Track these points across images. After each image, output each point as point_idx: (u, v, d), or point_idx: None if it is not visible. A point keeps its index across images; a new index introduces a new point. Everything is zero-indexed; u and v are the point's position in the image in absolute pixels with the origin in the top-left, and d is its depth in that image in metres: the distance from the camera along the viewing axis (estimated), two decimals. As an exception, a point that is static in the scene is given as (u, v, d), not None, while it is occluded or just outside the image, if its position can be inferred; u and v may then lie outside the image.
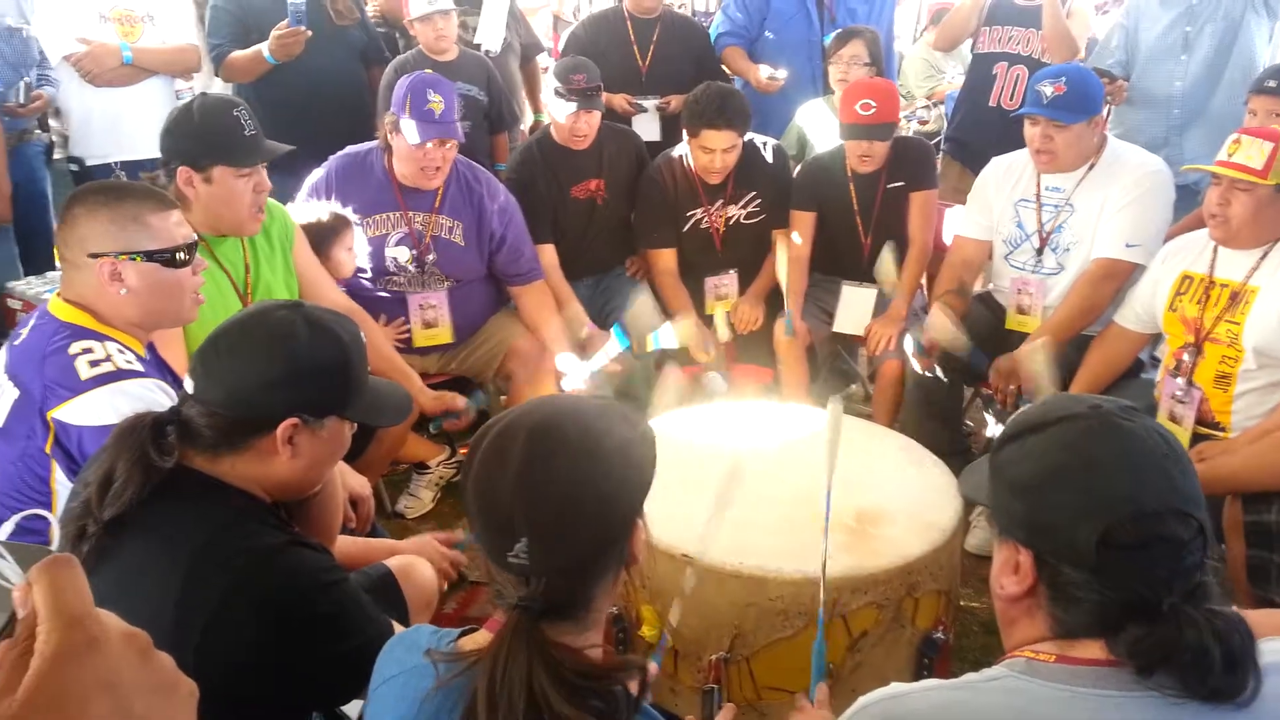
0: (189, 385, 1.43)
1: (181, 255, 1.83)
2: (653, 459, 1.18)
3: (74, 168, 3.56)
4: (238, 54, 3.57)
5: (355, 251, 2.97)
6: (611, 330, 3.02)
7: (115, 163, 3.48)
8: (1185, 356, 2.54)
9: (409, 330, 3.11)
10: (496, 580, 1.13)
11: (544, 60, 4.72)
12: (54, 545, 1.62)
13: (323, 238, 2.82)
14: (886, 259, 3.13)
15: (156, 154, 2.41)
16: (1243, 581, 2.23)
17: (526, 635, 1.06)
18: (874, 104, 3.18)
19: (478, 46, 4.07)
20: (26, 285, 3.22)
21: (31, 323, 1.85)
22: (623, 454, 1.14)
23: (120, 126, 3.48)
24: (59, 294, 1.85)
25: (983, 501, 1.21)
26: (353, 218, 2.98)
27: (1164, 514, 1.03)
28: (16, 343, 1.83)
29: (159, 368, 1.87)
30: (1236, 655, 0.98)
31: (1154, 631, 1.00)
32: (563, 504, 1.09)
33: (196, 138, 2.30)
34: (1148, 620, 1.00)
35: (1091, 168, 2.94)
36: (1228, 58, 3.54)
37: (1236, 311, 2.44)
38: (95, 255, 1.76)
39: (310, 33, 3.44)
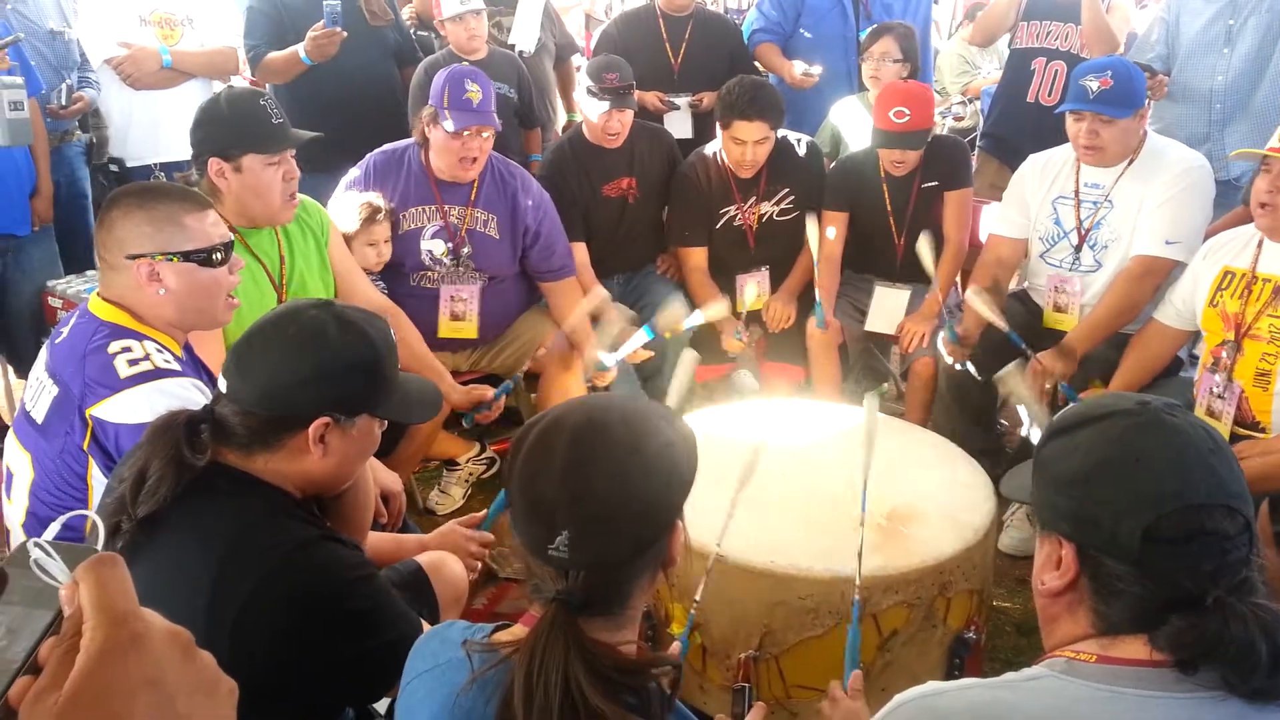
0: (222, 384, 1.44)
1: (218, 255, 1.86)
2: (694, 461, 1.20)
3: (114, 169, 3.62)
4: (274, 55, 3.61)
5: (384, 248, 2.97)
6: (641, 330, 3.03)
7: (155, 164, 3.53)
8: (1224, 353, 2.50)
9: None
10: (535, 574, 1.14)
11: (578, 60, 4.73)
12: (99, 544, 1.65)
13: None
14: (923, 246, 3.06)
15: (193, 156, 2.45)
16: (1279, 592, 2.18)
17: (564, 628, 1.07)
18: (908, 112, 3.14)
19: (512, 47, 4.09)
20: (67, 284, 3.28)
21: (72, 321, 1.88)
22: (666, 454, 1.15)
23: (160, 129, 3.54)
24: (99, 293, 1.88)
25: (1025, 500, 1.21)
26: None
27: (1210, 508, 1.02)
28: (58, 341, 1.87)
29: (195, 367, 1.90)
30: None
31: (1198, 624, 0.98)
32: (605, 499, 1.10)
33: (226, 127, 2.34)
34: (1192, 613, 0.99)
35: (1130, 163, 2.89)
36: (1272, 51, 3.46)
37: (1279, 306, 2.39)
38: (133, 256, 1.80)
39: (346, 34, 3.48)
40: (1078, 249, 2.98)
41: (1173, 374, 2.88)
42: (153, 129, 3.55)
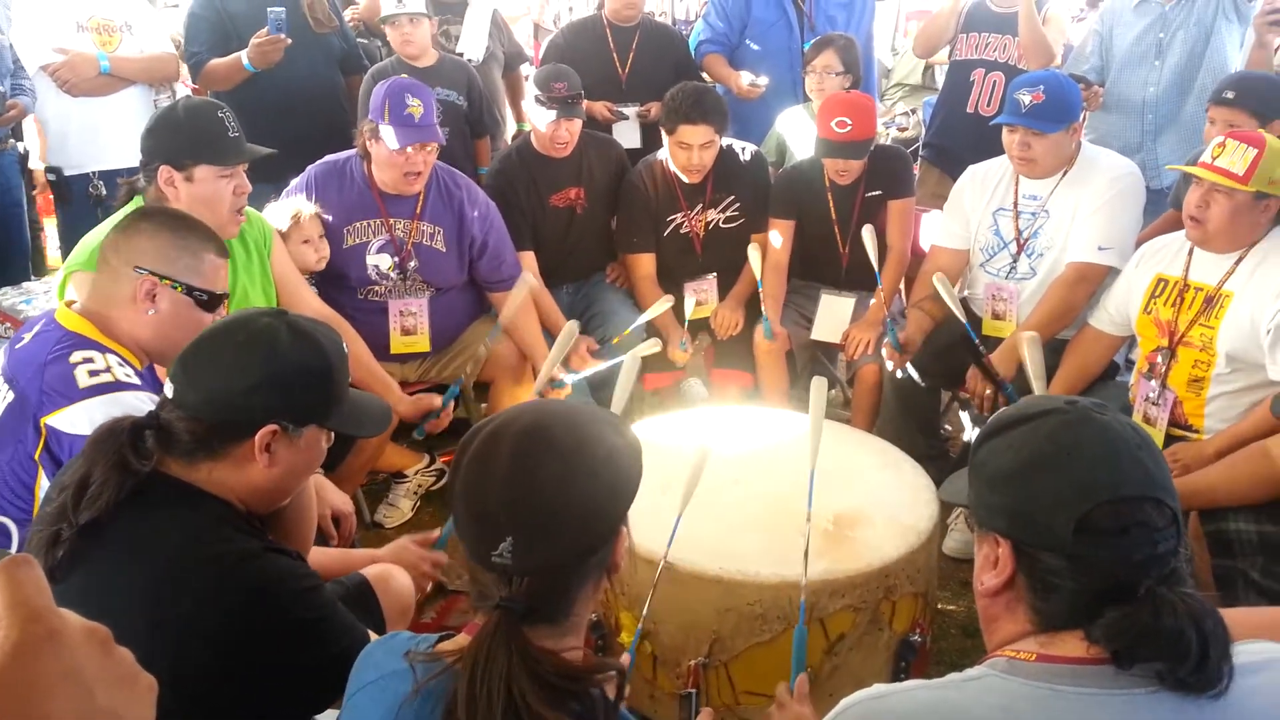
0: (168, 389, 1.42)
1: (214, 302, 1.89)
2: (639, 468, 1.20)
3: (51, 177, 3.55)
4: (216, 62, 3.56)
5: (318, 244, 2.93)
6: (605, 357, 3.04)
7: (93, 172, 3.47)
8: (1159, 359, 2.57)
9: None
10: (479, 581, 1.14)
11: (526, 69, 4.74)
12: (13, 548, 1.62)
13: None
14: (867, 237, 3.11)
15: (134, 164, 2.41)
16: (1211, 590, 2.25)
17: (507, 636, 1.07)
18: (850, 122, 3.18)
19: (460, 55, 4.08)
20: (2, 295, 3.20)
21: (37, 329, 1.88)
22: (610, 460, 1.16)
23: (98, 136, 3.48)
24: (67, 302, 1.89)
25: (962, 502, 1.23)
26: (332, 224, 2.97)
27: (1140, 500, 1.05)
28: (18, 347, 1.85)
29: (155, 385, 1.88)
30: (1210, 638, 1.00)
31: (1131, 614, 1.02)
32: (549, 504, 1.10)
33: (182, 136, 2.31)
34: (1125, 604, 1.02)
35: (1066, 173, 2.97)
36: (1200, 64, 3.58)
37: (1211, 316, 2.46)
38: (141, 270, 1.81)
39: (290, 41, 3.44)
40: (1015, 258, 3.05)
41: (1109, 378, 2.95)
42: (91, 136, 3.48)
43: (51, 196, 3.65)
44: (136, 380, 1.79)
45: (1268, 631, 1.29)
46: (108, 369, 1.75)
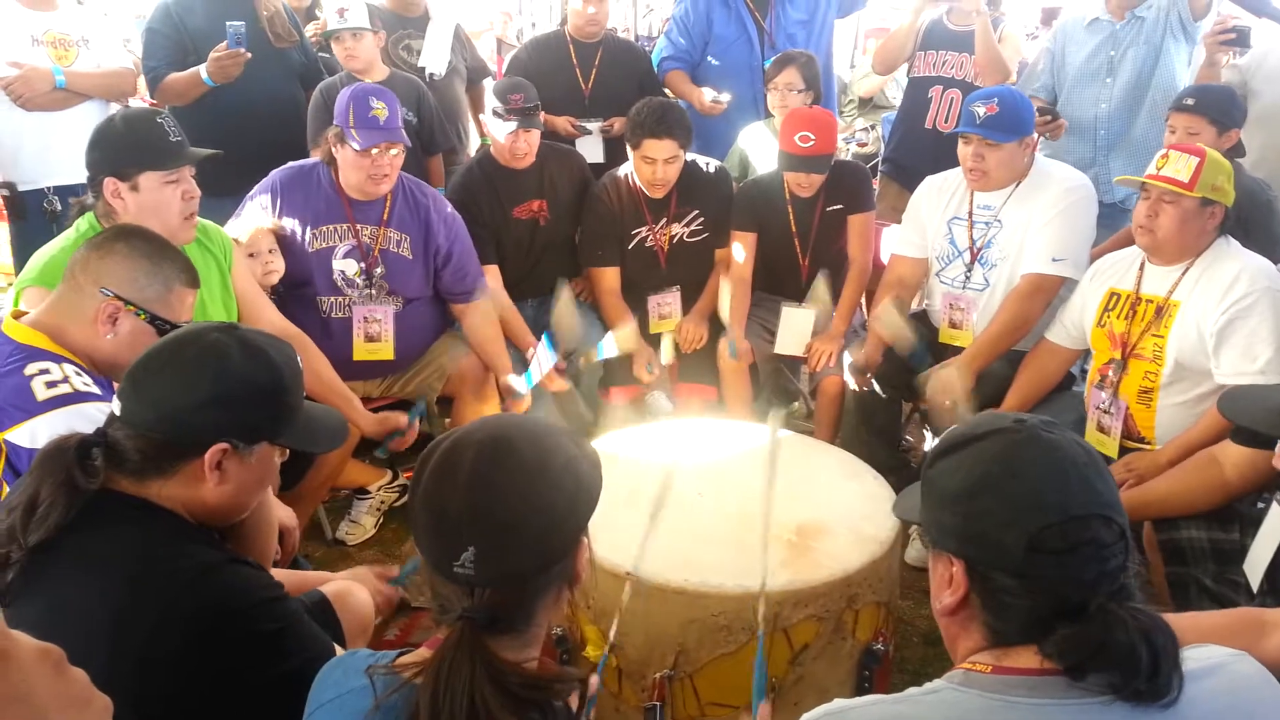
0: (116, 406, 1.40)
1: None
2: (599, 480, 1.21)
3: (4, 192, 3.49)
4: (174, 76, 3.53)
5: (269, 258, 2.89)
6: (542, 339, 3.05)
7: (48, 188, 3.41)
8: (1111, 371, 2.62)
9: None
10: (440, 595, 1.14)
11: (489, 84, 4.74)
12: None
13: None
14: (820, 285, 3.20)
15: (88, 179, 2.38)
16: (1166, 597, 2.29)
17: (470, 646, 1.07)
18: (813, 137, 3.24)
19: (422, 70, 4.08)
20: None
21: None
22: (571, 470, 1.17)
23: (52, 151, 3.41)
24: (12, 314, 1.85)
25: (914, 519, 1.25)
26: (298, 229, 2.95)
27: (1088, 518, 1.07)
28: None
29: (112, 394, 1.85)
30: (1160, 652, 1.02)
31: (1083, 631, 1.03)
32: (511, 514, 1.11)
33: (122, 146, 2.29)
34: (1077, 621, 1.04)
35: (1019, 184, 3.02)
36: (1150, 81, 3.67)
37: (1161, 325, 2.52)
38: (107, 291, 1.78)
39: (249, 55, 3.42)
40: (970, 267, 3.10)
41: (1065, 389, 3.00)
42: (46, 151, 3.42)
43: (5, 211, 3.59)
44: (96, 389, 1.75)
45: (1216, 635, 1.33)
46: (65, 379, 1.72)
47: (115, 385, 1.87)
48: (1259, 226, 2.84)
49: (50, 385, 1.70)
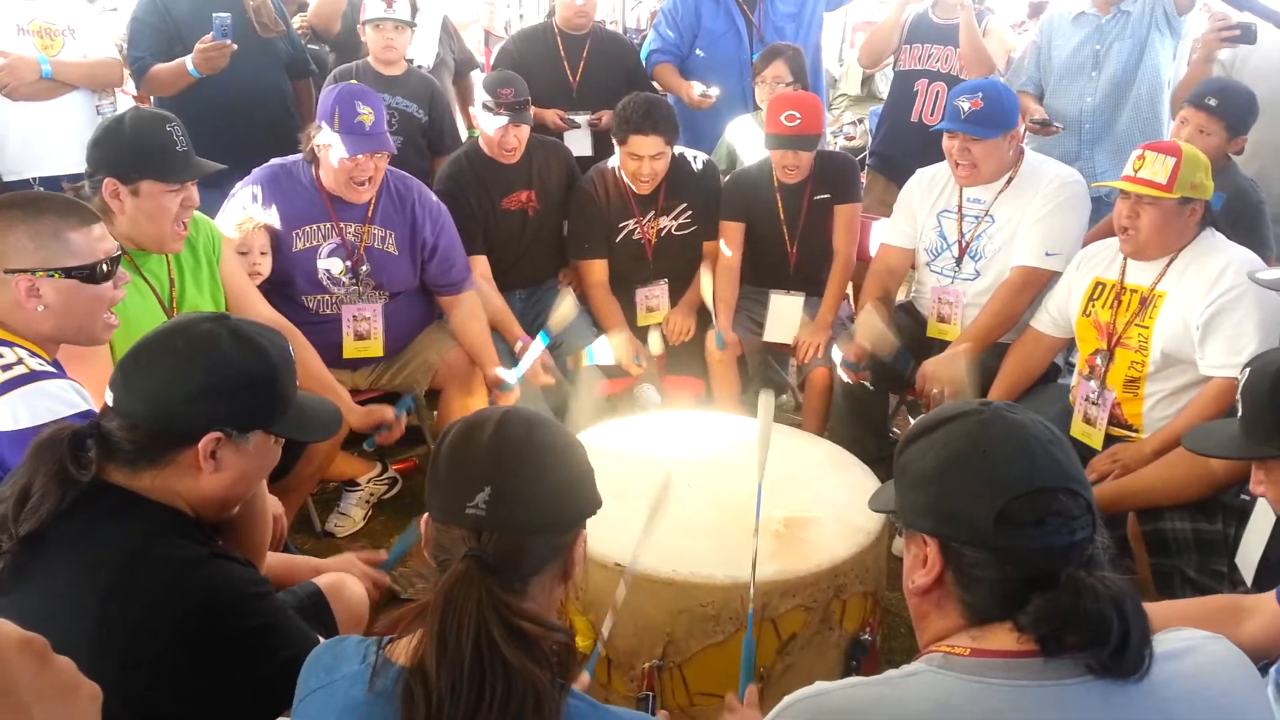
0: (109, 397, 1.40)
1: (103, 269, 1.80)
2: (596, 489, 1.27)
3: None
4: (160, 67, 3.51)
5: (259, 259, 2.89)
6: (538, 336, 3.05)
7: (34, 178, 3.39)
8: (1098, 360, 2.64)
9: None
10: (443, 547, 1.18)
11: (476, 76, 4.73)
12: None
13: None
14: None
15: (76, 170, 2.37)
16: (1151, 588, 2.32)
17: (477, 581, 1.10)
18: (799, 115, 3.27)
19: (410, 61, 4.07)
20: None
21: None
22: (579, 459, 1.25)
23: (38, 142, 3.40)
24: None
25: (889, 509, 1.28)
26: (282, 229, 2.94)
27: (1054, 490, 1.10)
28: None
29: (64, 375, 1.83)
30: (1130, 620, 1.05)
31: (1054, 600, 1.06)
32: (530, 467, 1.18)
33: (127, 150, 2.27)
34: (1048, 590, 1.07)
35: (1010, 180, 3.04)
36: (1135, 75, 3.69)
37: (1146, 316, 2.54)
38: (12, 271, 1.73)
39: (236, 46, 3.40)
40: (959, 259, 3.12)
41: (1050, 380, 3.02)
42: (32, 142, 3.40)
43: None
44: (52, 369, 1.73)
45: (1193, 621, 1.36)
46: (20, 361, 1.69)
47: (60, 367, 1.84)
48: (1246, 229, 2.85)
49: (5, 368, 1.67)
